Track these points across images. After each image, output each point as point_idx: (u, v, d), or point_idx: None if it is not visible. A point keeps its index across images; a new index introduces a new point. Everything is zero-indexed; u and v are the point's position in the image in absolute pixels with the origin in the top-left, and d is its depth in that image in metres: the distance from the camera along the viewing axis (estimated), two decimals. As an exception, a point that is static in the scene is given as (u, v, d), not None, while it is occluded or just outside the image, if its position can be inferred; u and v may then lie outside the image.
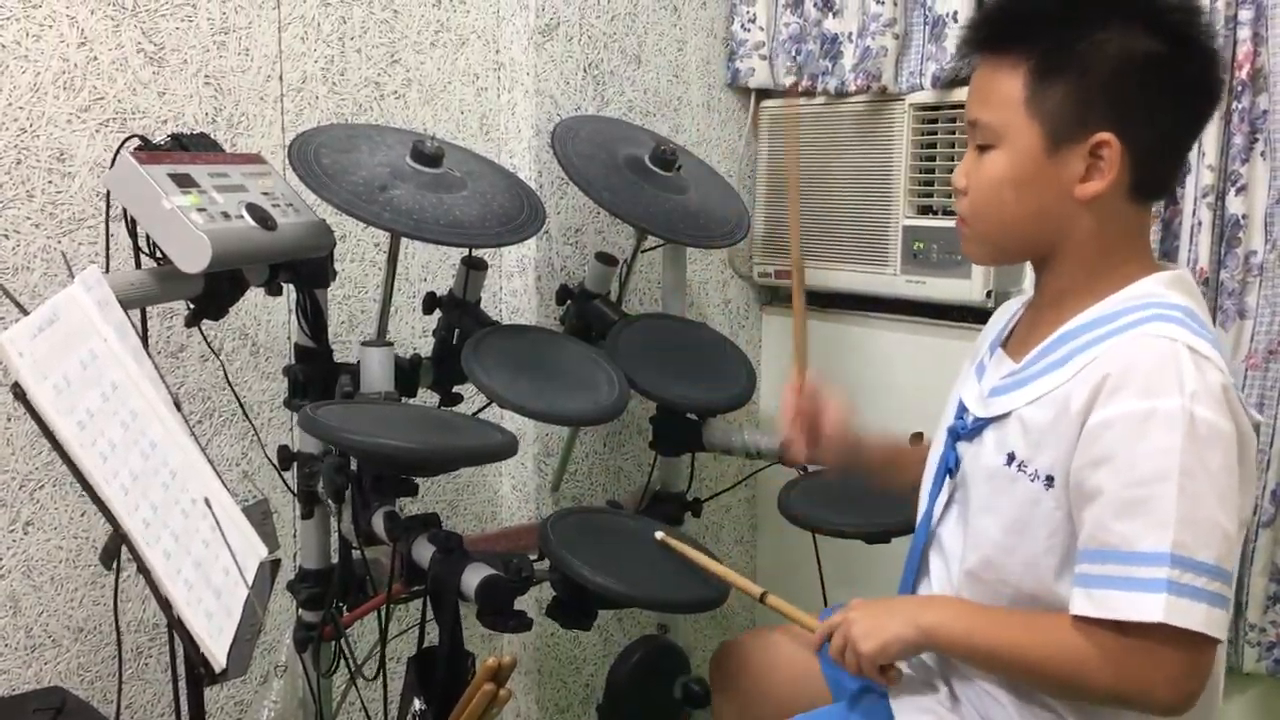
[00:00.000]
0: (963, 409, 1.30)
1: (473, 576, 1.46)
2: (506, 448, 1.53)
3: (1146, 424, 1.06)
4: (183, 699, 1.27)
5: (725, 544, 2.59)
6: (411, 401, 1.83)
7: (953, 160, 2.09)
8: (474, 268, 1.84)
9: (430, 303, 1.86)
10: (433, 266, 2.16)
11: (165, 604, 1.06)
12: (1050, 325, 1.21)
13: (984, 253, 1.28)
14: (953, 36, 2.06)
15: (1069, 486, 1.13)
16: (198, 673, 1.09)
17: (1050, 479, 1.14)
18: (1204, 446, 1.06)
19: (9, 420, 1.73)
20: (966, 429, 1.27)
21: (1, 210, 1.71)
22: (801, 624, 1.38)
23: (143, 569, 1.05)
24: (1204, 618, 1.05)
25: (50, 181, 1.74)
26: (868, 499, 1.69)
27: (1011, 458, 1.19)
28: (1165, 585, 1.05)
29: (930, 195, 2.15)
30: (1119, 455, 1.08)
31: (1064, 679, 1.13)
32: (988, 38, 1.22)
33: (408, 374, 1.80)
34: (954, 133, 2.09)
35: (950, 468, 1.29)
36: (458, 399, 1.90)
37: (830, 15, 2.22)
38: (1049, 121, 1.16)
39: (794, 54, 2.32)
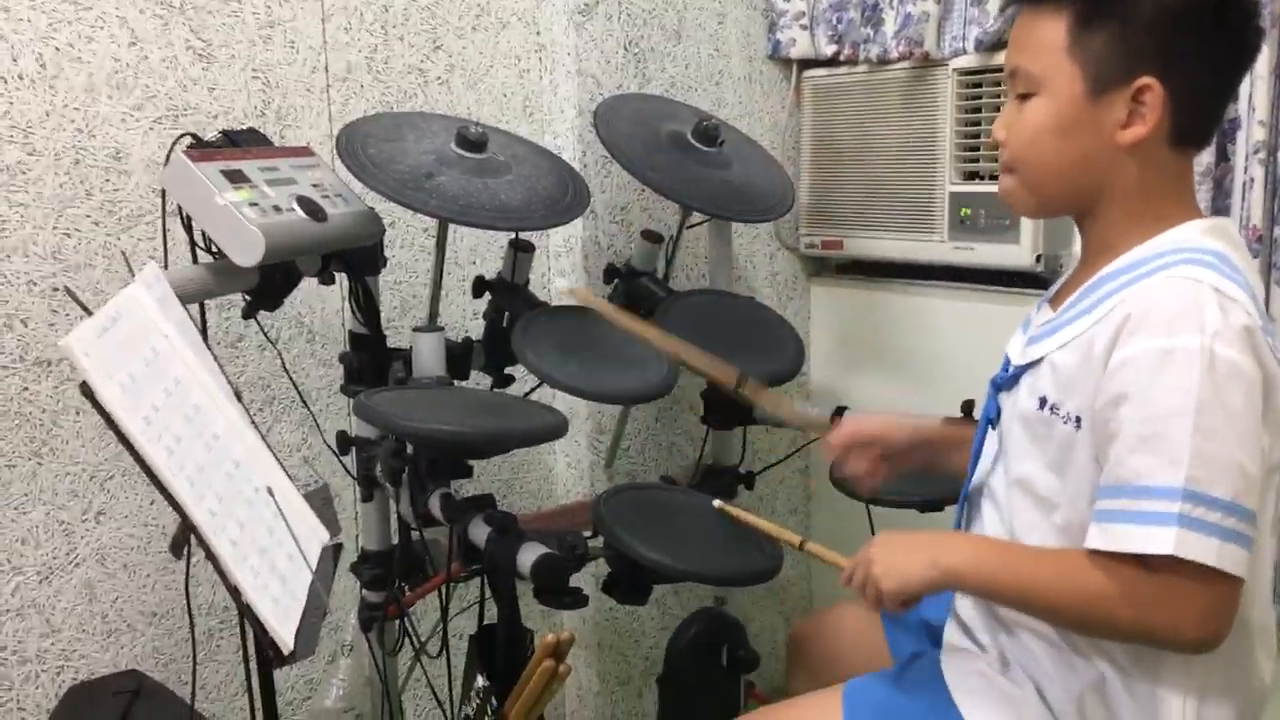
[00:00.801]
0: (1006, 362, 1.31)
1: (528, 555, 1.49)
2: (557, 428, 1.56)
3: (1165, 360, 1.07)
4: (254, 679, 1.31)
5: (780, 515, 2.60)
6: (464, 384, 1.86)
7: (998, 124, 2.07)
8: (521, 250, 1.86)
9: (479, 286, 1.89)
10: (481, 250, 2.19)
11: (234, 590, 1.09)
12: (1089, 273, 1.22)
13: (1028, 203, 1.27)
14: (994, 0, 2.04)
15: (1094, 427, 1.13)
16: (267, 654, 1.12)
17: (1079, 420, 1.15)
18: (1223, 384, 1.05)
19: (77, 414, 1.78)
20: (1005, 379, 1.28)
21: (62, 209, 1.75)
22: (837, 565, 1.39)
23: (211, 557, 1.09)
24: (1217, 552, 1.05)
25: (107, 180, 1.79)
26: (931, 473, 1.69)
27: (1043, 401, 1.20)
28: (1176, 519, 1.05)
29: (976, 161, 2.13)
30: (1137, 391, 1.08)
31: (1086, 615, 1.14)
32: None
33: (459, 357, 1.83)
34: (998, 96, 2.07)
35: (991, 418, 1.31)
36: (509, 380, 1.93)
37: (870, -18, 2.21)
38: (1092, 66, 1.16)
39: (835, 22, 2.30)
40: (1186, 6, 1.14)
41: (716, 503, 1.64)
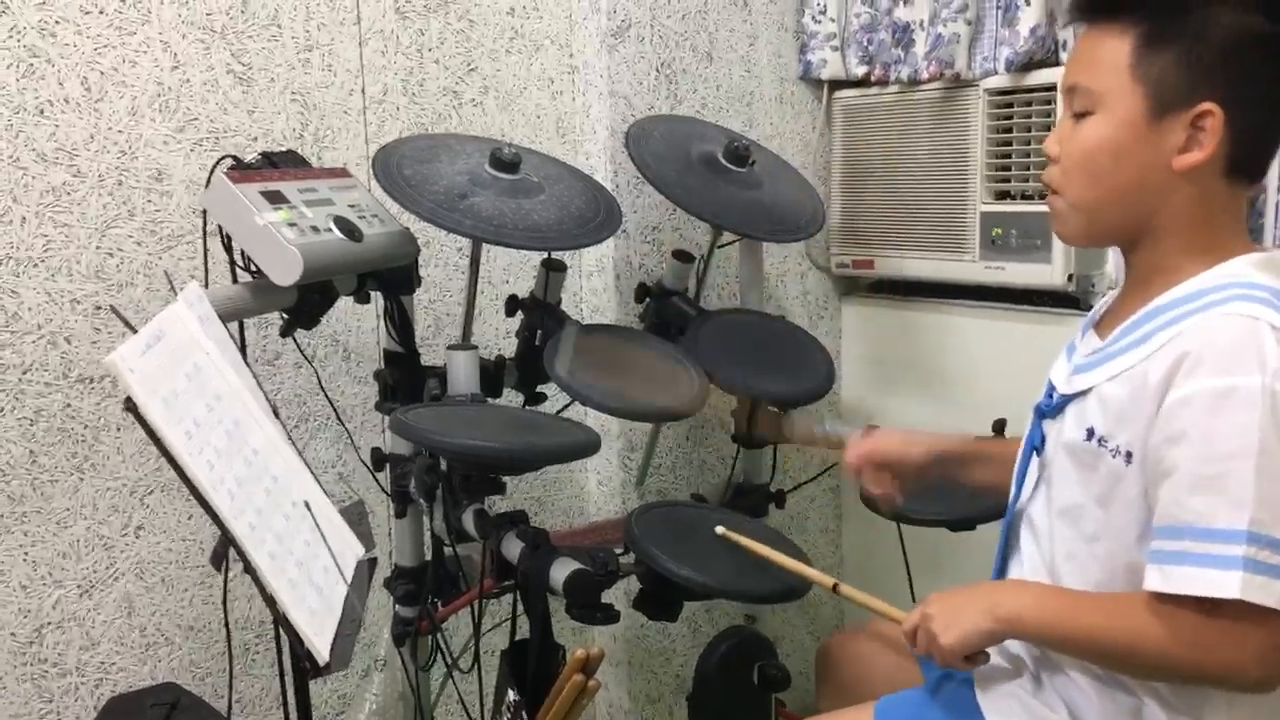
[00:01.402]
0: (1051, 388, 1.30)
1: (560, 571, 1.50)
2: (589, 446, 1.57)
3: (1225, 401, 1.06)
4: (289, 692, 1.32)
5: (810, 535, 2.60)
6: (497, 402, 1.87)
7: (1029, 145, 2.07)
8: (553, 269, 1.88)
9: (512, 305, 1.91)
10: (514, 269, 2.21)
11: (271, 602, 1.11)
12: (1138, 303, 1.20)
13: (1075, 225, 1.25)
14: (1025, 20, 2.04)
15: (1145, 463, 1.13)
16: (303, 667, 1.14)
17: (1130, 455, 1.14)
18: None
19: (118, 430, 1.82)
20: (1051, 407, 1.27)
21: (106, 230, 1.79)
22: (876, 611, 1.39)
23: (249, 569, 1.11)
24: None
25: (149, 201, 1.83)
26: (951, 487, 1.69)
27: (1091, 433, 1.19)
28: (1241, 562, 1.04)
29: (1007, 180, 2.13)
30: (1196, 431, 1.07)
31: (1146, 660, 1.13)
32: (1097, 2, 1.21)
33: (492, 375, 1.84)
34: (1030, 116, 2.07)
35: (1036, 446, 1.30)
36: (542, 398, 1.94)
37: (901, 4, 2.22)
38: (1154, 88, 1.15)
39: (865, 44, 2.32)
40: (1257, 32, 1.12)
41: (720, 529, 1.62)
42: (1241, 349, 1.07)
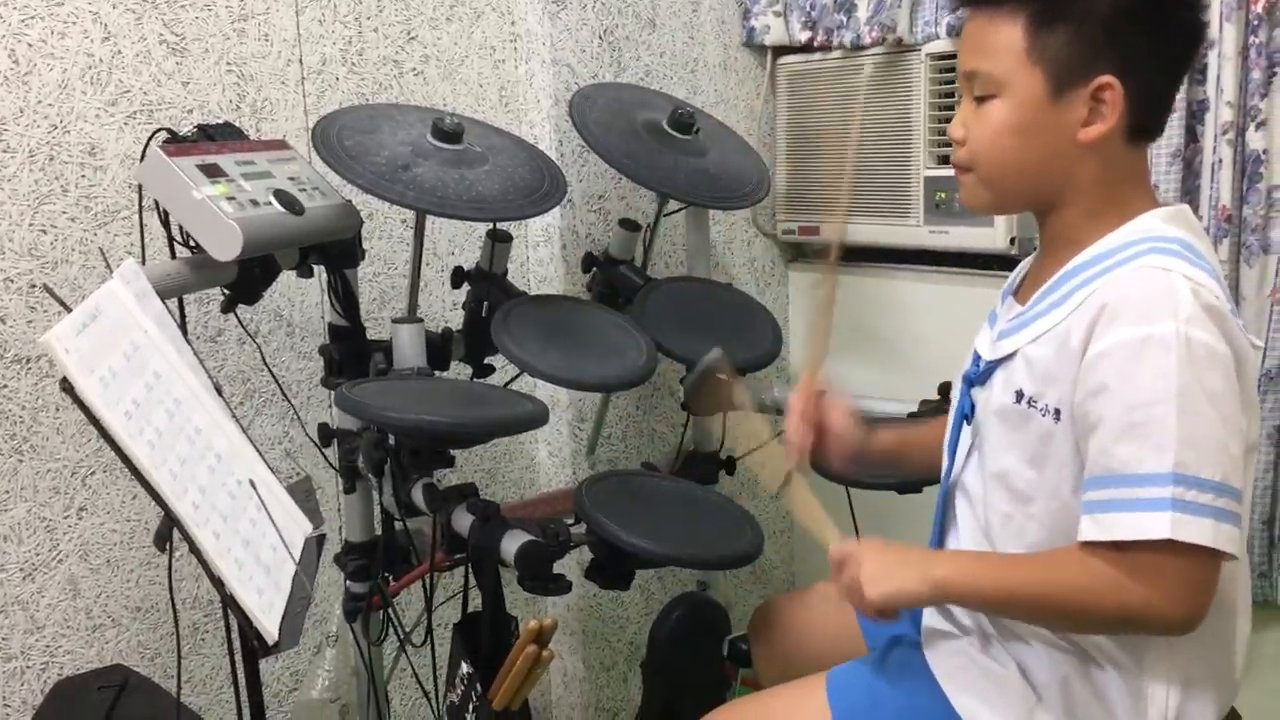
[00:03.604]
0: (976, 357, 1.32)
1: (511, 543, 1.50)
2: (537, 417, 1.57)
3: (1142, 349, 1.08)
4: (239, 671, 1.32)
5: (760, 500, 2.61)
6: (444, 375, 1.86)
7: (971, 109, 2.09)
8: (499, 240, 1.87)
9: (458, 277, 1.89)
10: (459, 240, 2.20)
11: (218, 582, 1.11)
12: (1055, 266, 1.23)
13: (987, 201, 1.29)
14: (966, -16, 2.05)
15: (1073, 418, 1.15)
16: (252, 646, 1.14)
17: (1058, 412, 1.17)
18: (1201, 368, 1.07)
19: (57, 411, 1.78)
20: (978, 374, 1.30)
21: (38, 206, 1.75)
22: (809, 524, 1.39)
23: (194, 550, 1.10)
24: (1212, 533, 1.07)
25: (83, 176, 1.79)
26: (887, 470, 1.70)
27: (1020, 395, 1.21)
28: (1170, 504, 1.06)
29: (950, 145, 2.14)
30: (1117, 381, 1.10)
31: (1073, 610, 1.15)
32: None
33: (439, 348, 1.83)
34: (971, 81, 2.08)
35: (965, 414, 1.32)
36: (490, 370, 1.94)
37: (843, -32, 2.22)
38: (1051, 67, 1.18)
39: (808, 9, 2.31)
40: (1136, 3, 1.16)
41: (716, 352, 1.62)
42: (1155, 299, 1.10)
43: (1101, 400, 1.11)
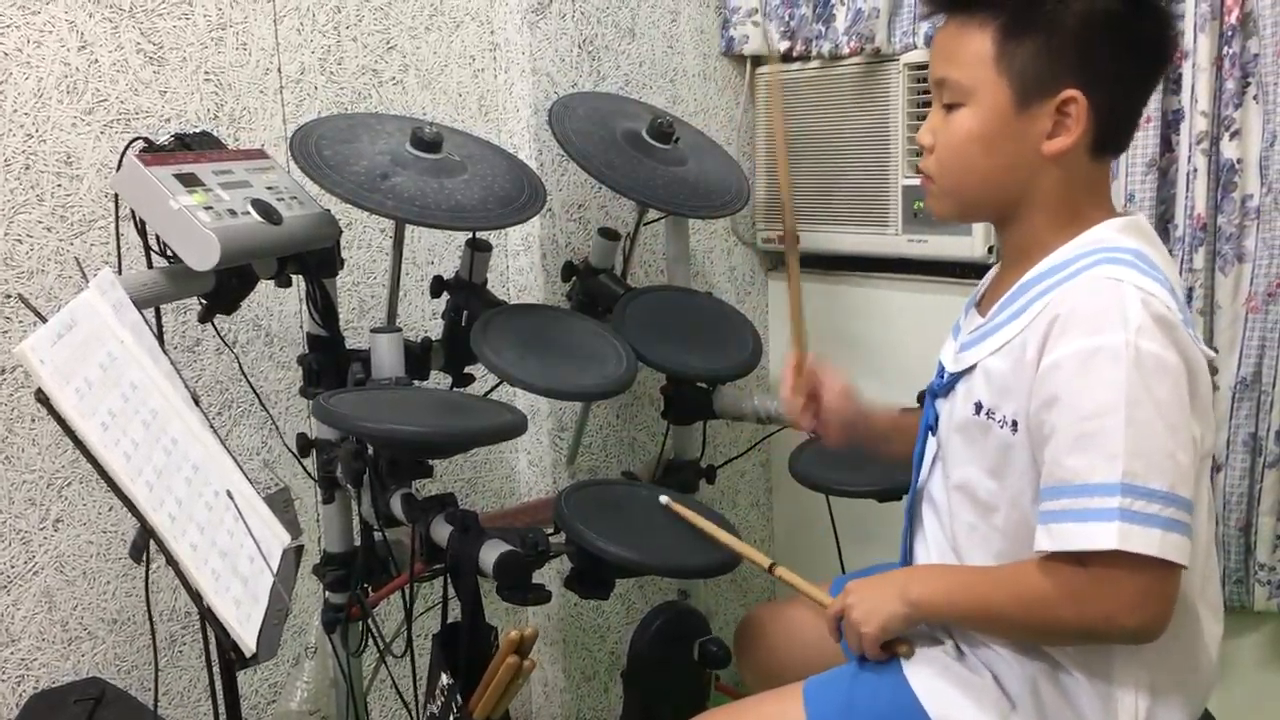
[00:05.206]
0: (941, 368, 1.33)
1: (490, 553, 1.50)
2: (516, 427, 1.56)
3: (1092, 360, 1.09)
4: (217, 683, 1.31)
5: (741, 509, 2.62)
6: (423, 385, 1.86)
7: (949, 118, 2.10)
8: (479, 249, 1.86)
9: (438, 286, 1.89)
10: (439, 249, 2.19)
11: (195, 594, 1.10)
12: (1013, 278, 1.25)
13: (950, 209, 1.30)
14: (943, -6, 2.06)
15: (1030, 430, 1.16)
16: (230, 658, 1.12)
17: (1015, 424, 1.18)
18: (1150, 378, 1.08)
19: (33, 421, 1.77)
20: (942, 386, 1.31)
21: (13, 215, 1.74)
22: (810, 596, 1.41)
23: (171, 561, 1.09)
24: (1159, 543, 1.08)
25: (59, 185, 1.77)
26: (869, 456, 1.72)
27: (979, 406, 1.22)
28: (1118, 514, 1.07)
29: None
30: (1067, 393, 1.11)
31: (1034, 622, 1.17)
32: None
33: (418, 357, 1.83)
34: (949, 91, 2.09)
35: (930, 425, 1.33)
36: (469, 380, 1.93)
37: (821, -21, 2.23)
38: (1019, 79, 1.19)
39: (787, 19, 2.33)
40: (1105, 18, 1.17)
41: (664, 499, 1.65)
42: (1105, 310, 1.11)
43: (1054, 411, 1.12)
